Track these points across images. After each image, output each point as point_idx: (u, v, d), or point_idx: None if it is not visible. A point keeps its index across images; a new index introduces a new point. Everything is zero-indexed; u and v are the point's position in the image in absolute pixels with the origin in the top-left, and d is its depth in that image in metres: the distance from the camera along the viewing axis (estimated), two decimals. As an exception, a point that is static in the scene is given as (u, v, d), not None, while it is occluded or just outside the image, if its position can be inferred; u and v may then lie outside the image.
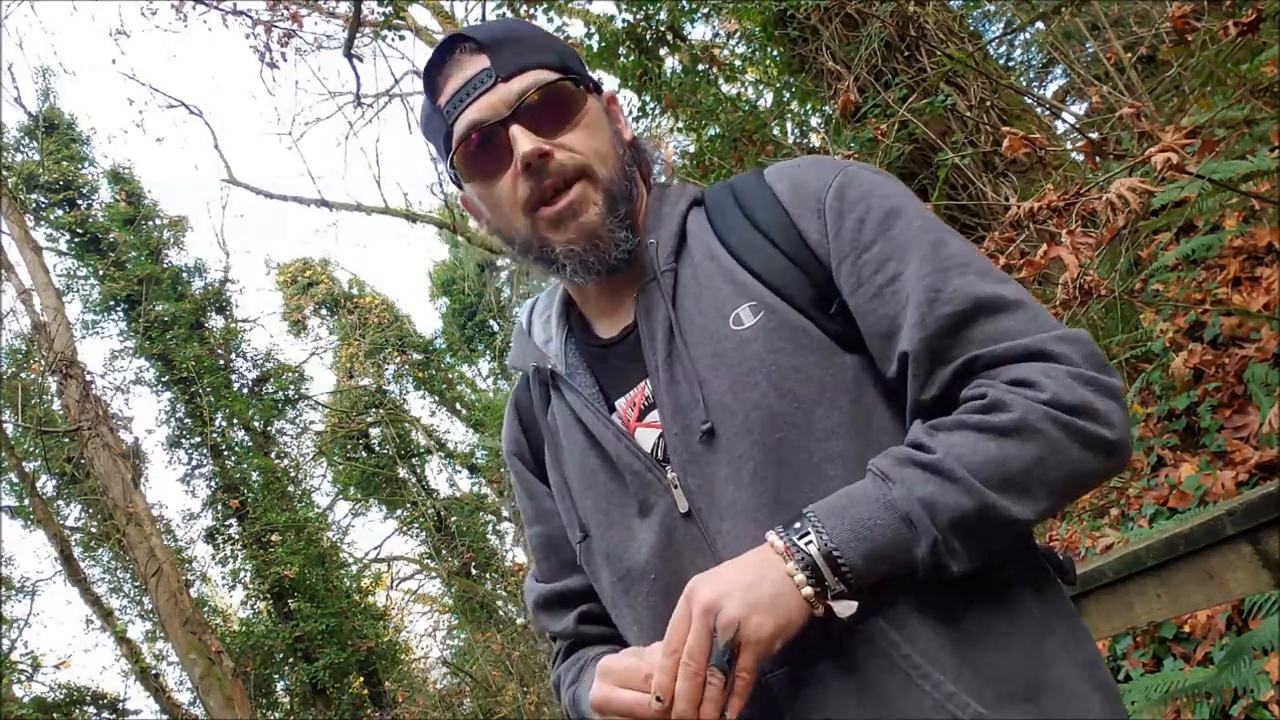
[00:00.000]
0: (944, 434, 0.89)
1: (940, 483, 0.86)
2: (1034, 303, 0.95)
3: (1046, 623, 0.93)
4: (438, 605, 17.68)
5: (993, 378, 0.91)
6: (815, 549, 0.86)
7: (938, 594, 0.91)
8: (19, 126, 15.12)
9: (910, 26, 5.71)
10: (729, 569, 0.89)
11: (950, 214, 5.70)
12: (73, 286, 14.86)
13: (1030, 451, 0.86)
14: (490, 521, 18.00)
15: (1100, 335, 4.56)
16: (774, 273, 1.01)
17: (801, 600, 0.86)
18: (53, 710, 12.40)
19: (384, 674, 14.81)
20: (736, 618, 0.84)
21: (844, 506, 0.88)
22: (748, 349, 0.97)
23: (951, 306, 0.93)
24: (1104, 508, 4.06)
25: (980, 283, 0.94)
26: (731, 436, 0.96)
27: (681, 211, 1.10)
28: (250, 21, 11.97)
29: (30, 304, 11.49)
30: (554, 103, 1.04)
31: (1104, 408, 0.88)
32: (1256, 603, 2.74)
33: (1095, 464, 0.88)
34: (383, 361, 18.85)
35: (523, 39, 1.06)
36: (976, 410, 0.89)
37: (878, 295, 0.96)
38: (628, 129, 1.14)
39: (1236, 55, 4.33)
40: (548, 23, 10.55)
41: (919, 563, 0.86)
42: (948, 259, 0.96)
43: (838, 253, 0.99)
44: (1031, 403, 0.87)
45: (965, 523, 0.85)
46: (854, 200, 1.00)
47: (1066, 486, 0.88)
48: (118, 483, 10.78)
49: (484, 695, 13.96)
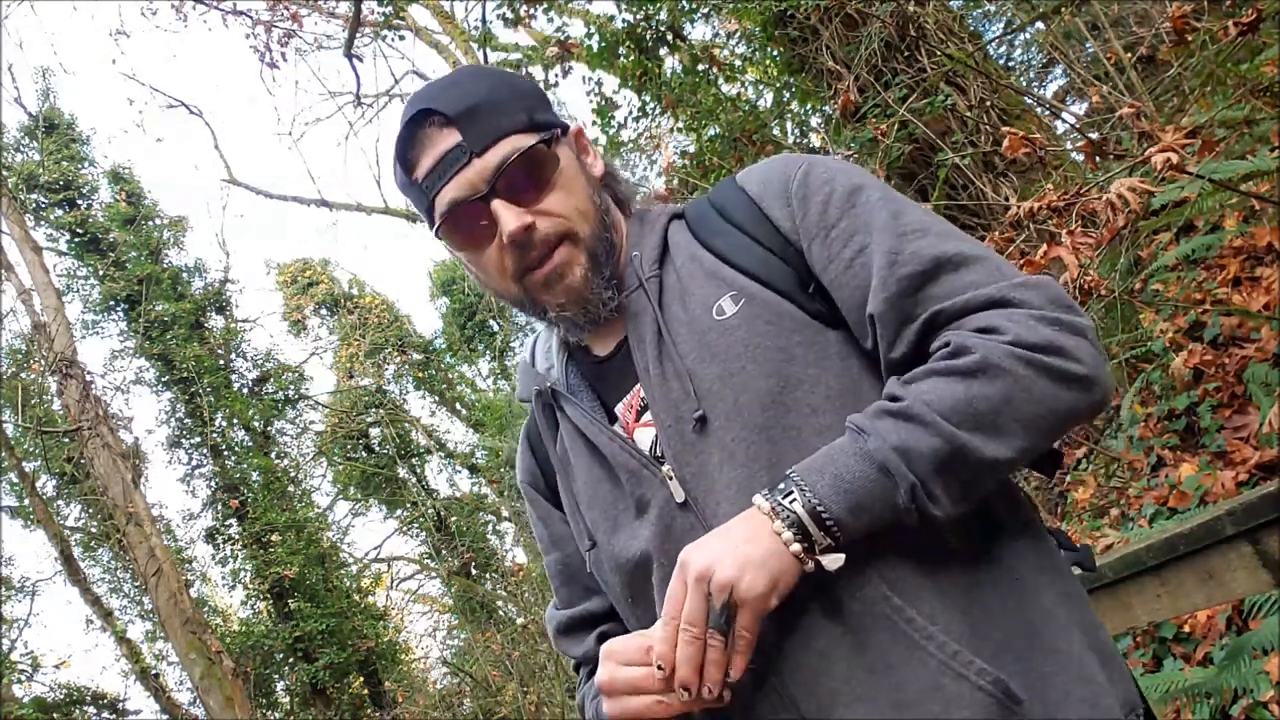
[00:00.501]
0: (915, 384, 0.91)
1: (911, 428, 0.87)
2: (996, 256, 0.97)
3: (1042, 584, 0.95)
4: (438, 605, 17.68)
5: (958, 328, 0.93)
6: (800, 506, 0.88)
7: (936, 555, 0.92)
8: (19, 126, 15.15)
9: (910, 26, 5.71)
10: (716, 536, 0.91)
11: (950, 214, 5.70)
12: (73, 286, 14.87)
13: (996, 389, 0.88)
14: (490, 521, 17.99)
15: (1100, 335, 4.57)
16: (753, 263, 1.05)
17: (791, 557, 0.88)
18: (53, 710, 12.40)
19: (384, 674, 14.81)
20: (730, 579, 0.86)
21: (824, 464, 0.90)
22: (732, 336, 1.01)
23: (911, 266, 0.96)
24: (1104, 508, 4.06)
25: (940, 243, 0.97)
26: (723, 422, 0.98)
27: (663, 225, 1.14)
28: (250, 21, 11.97)
29: (30, 304, 11.49)
30: (530, 169, 1.05)
31: (1070, 344, 0.90)
32: (1256, 603, 2.74)
33: (1069, 398, 0.90)
34: (383, 361, 18.85)
35: (491, 104, 1.06)
36: (943, 358, 0.92)
37: (848, 268, 1.00)
38: (598, 160, 1.17)
39: (1236, 55, 4.33)
40: (548, 23, 10.57)
41: (902, 510, 0.88)
42: (906, 225, 0.99)
43: (807, 234, 1.03)
44: (994, 343, 0.89)
45: (940, 465, 0.87)
46: (818, 184, 1.04)
47: (1040, 423, 0.89)
48: (118, 483, 10.78)
49: (484, 695, 13.95)
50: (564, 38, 8.24)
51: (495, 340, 19.50)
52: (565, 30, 8.33)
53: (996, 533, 0.96)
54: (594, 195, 1.11)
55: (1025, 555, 0.96)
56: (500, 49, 11.16)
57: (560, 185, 1.07)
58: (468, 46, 12.50)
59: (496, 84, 1.09)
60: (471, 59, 12.47)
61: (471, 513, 17.44)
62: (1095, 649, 0.93)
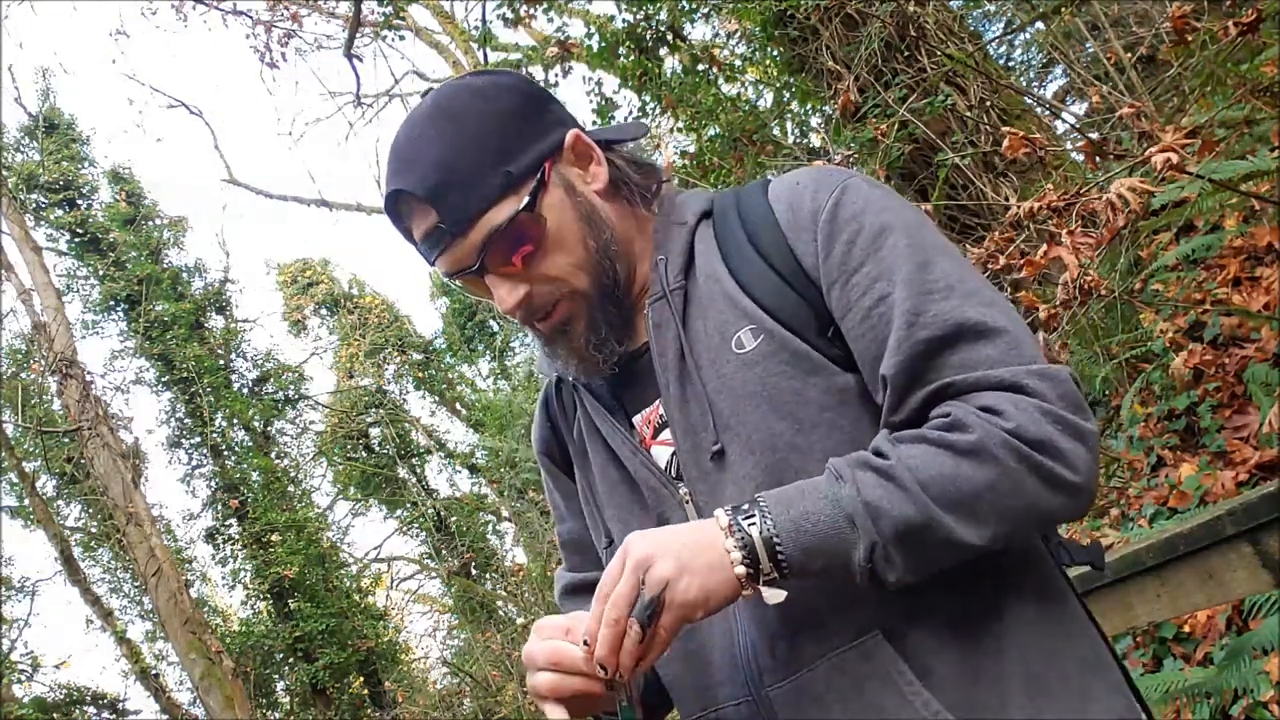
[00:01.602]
0: (904, 445, 0.89)
1: (889, 489, 0.86)
2: (1020, 329, 0.93)
3: (1044, 627, 0.94)
4: (438, 605, 17.69)
5: (964, 401, 0.90)
6: (756, 532, 0.87)
7: (933, 604, 0.92)
8: (19, 126, 15.15)
9: (910, 26, 5.71)
10: (668, 532, 0.90)
11: (950, 214, 5.70)
12: (73, 286, 14.86)
13: (984, 475, 0.86)
14: (490, 521, 18.00)
15: (1100, 335, 4.57)
16: (773, 298, 1.01)
17: (733, 577, 0.87)
18: (53, 710, 12.39)
19: (384, 674, 14.81)
20: (666, 576, 0.86)
21: (793, 497, 0.89)
22: (749, 372, 0.99)
23: (930, 331, 0.92)
24: (1104, 508, 4.06)
25: (964, 306, 0.92)
26: (738, 457, 0.98)
27: (690, 228, 1.09)
28: (250, 21, 11.98)
29: (30, 304, 11.49)
30: (515, 240, 1.01)
31: (1068, 448, 0.86)
32: (1256, 603, 2.74)
33: (1053, 502, 0.87)
34: (383, 361, 18.85)
35: (460, 175, 0.99)
36: (939, 427, 0.89)
37: (866, 318, 0.96)
38: (601, 167, 1.08)
39: (1236, 55, 4.33)
40: (548, 23, 10.56)
41: (856, 566, 0.86)
42: (933, 281, 0.94)
43: (828, 277, 0.99)
44: (993, 428, 0.86)
45: (907, 533, 0.85)
46: (845, 220, 0.99)
47: (1017, 518, 0.87)
48: (118, 483, 10.78)
49: (484, 695, 13.96)
50: (564, 38, 8.24)
51: (495, 340, 19.50)
52: (565, 30, 8.33)
53: (1007, 591, 0.94)
54: (592, 232, 1.05)
55: (1030, 601, 0.95)
56: (500, 49, 11.16)
57: (550, 245, 1.02)
58: (468, 46, 12.50)
59: (464, 140, 1.00)
60: (471, 59, 12.47)
61: (471, 513, 17.44)
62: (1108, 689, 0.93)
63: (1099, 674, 0.94)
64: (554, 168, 1.04)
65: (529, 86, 1.08)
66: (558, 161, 1.05)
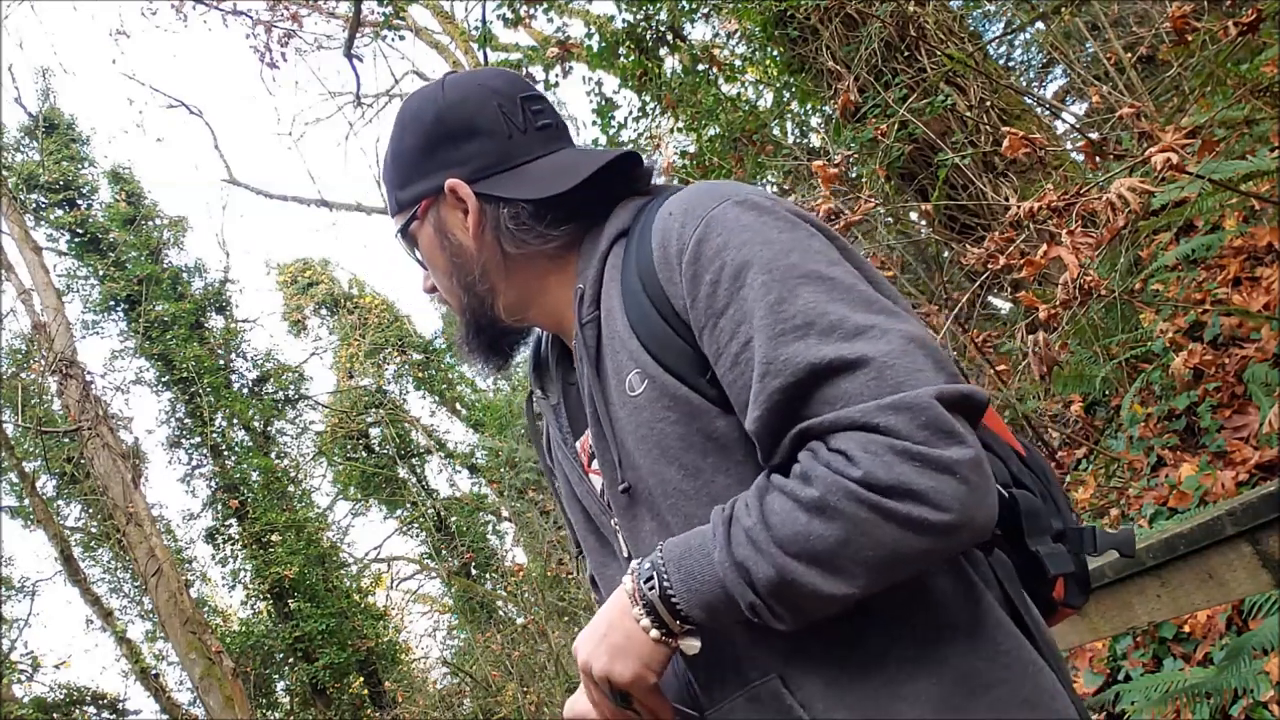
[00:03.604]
0: (769, 497, 0.88)
1: (751, 550, 0.86)
2: (883, 353, 0.85)
3: (968, 663, 0.91)
4: (438, 605, 17.68)
5: (818, 447, 0.87)
6: (656, 595, 0.91)
7: (846, 641, 0.92)
8: (19, 126, 15.14)
9: (910, 26, 5.71)
10: (595, 621, 0.97)
11: (950, 214, 5.70)
12: (73, 286, 14.86)
13: (834, 531, 0.83)
14: (490, 521, 17.99)
15: (1100, 335, 4.57)
16: (656, 341, 0.99)
17: (650, 641, 0.92)
18: (53, 710, 12.39)
19: (384, 674, 14.80)
20: (605, 672, 0.94)
21: (682, 554, 0.91)
22: (639, 416, 0.99)
23: (782, 379, 0.87)
24: (1104, 508, 4.06)
25: (819, 345, 0.86)
26: (642, 497, 1.01)
27: (602, 253, 1.07)
28: (250, 21, 11.98)
29: (30, 304, 11.49)
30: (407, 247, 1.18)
31: (928, 486, 0.80)
32: (1256, 603, 2.74)
33: (917, 544, 0.82)
34: (383, 361, 18.84)
35: (387, 179, 1.17)
36: (794, 476, 0.87)
37: (734, 364, 0.92)
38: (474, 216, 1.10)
39: (1236, 55, 4.33)
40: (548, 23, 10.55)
41: (747, 618, 0.89)
42: (786, 320, 0.88)
43: (697, 322, 0.96)
44: (838, 479, 0.83)
45: (775, 591, 0.86)
46: (709, 259, 0.95)
47: (883, 566, 0.83)
48: (118, 483, 10.78)
49: (484, 695, 13.95)
50: (564, 38, 8.24)
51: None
52: (565, 30, 8.34)
53: (924, 615, 0.92)
54: (457, 272, 1.14)
55: (953, 642, 0.91)
56: (500, 49, 11.16)
57: (428, 262, 1.17)
58: (468, 46, 12.50)
59: (390, 153, 1.16)
60: (472, 59, 12.47)
61: (471, 513, 17.43)
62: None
63: (1031, 707, 0.90)
64: (430, 208, 1.14)
65: (441, 123, 1.11)
66: (437, 203, 1.13)
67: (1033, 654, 0.93)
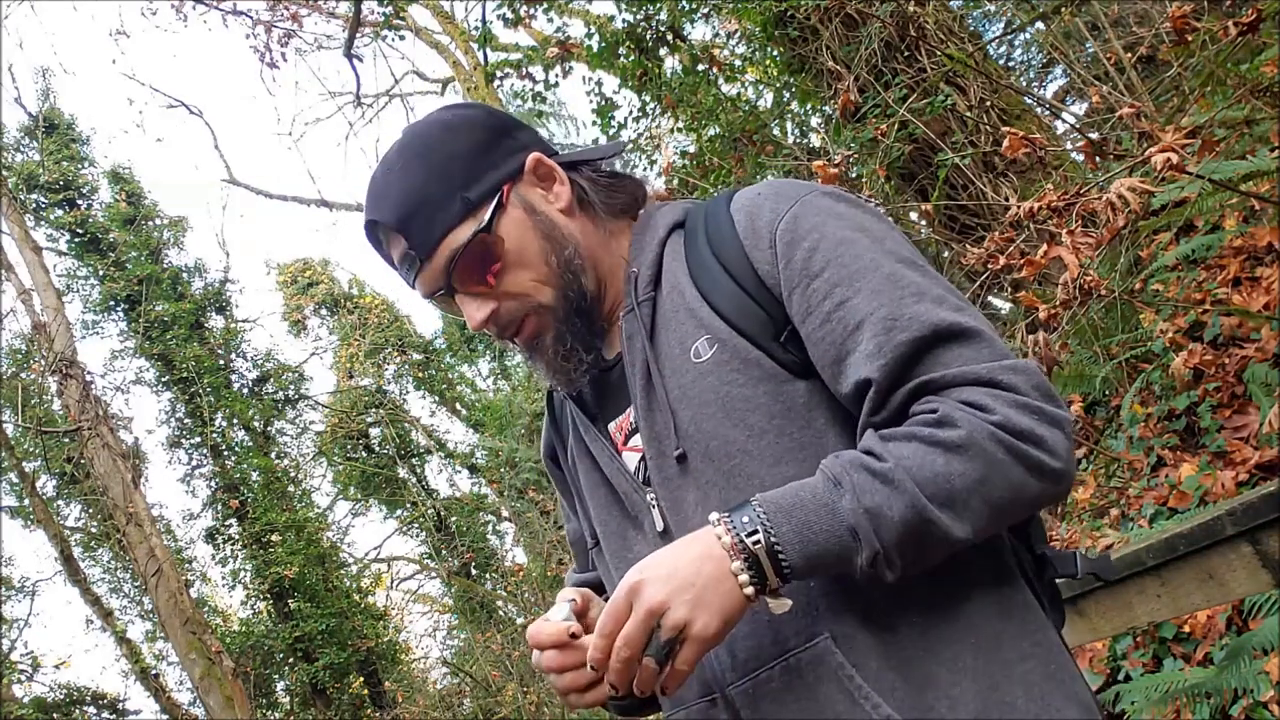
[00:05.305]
0: (895, 444, 0.91)
1: (888, 492, 0.87)
2: (990, 332, 0.97)
3: (1003, 637, 0.95)
4: (438, 605, 17.68)
5: (945, 398, 0.93)
6: (762, 548, 0.88)
7: (888, 609, 0.95)
8: (19, 126, 15.14)
9: (910, 26, 5.71)
10: (671, 561, 0.90)
11: (950, 214, 5.70)
12: (73, 286, 14.86)
13: (974, 470, 0.88)
14: (490, 521, 17.99)
15: (1100, 335, 4.56)
16: (730, 306, 1.04)
17: (742, 598, 0.89)
18: (53, 710, 12.39)
19: (384, 674, 14.80)
20: (683, 620, 0.87)
21: (791, 505, 0.89)
22: (705, 381, 1.02)
23: (909, 333, 0.94)
24: (1104, 508, 4.06)
25: (937, 309, 0.95)
26: (700, 463, 1.02)
27: (660, 239, 1.13)
28: (250, 21, 11.98)
29: (30, 304, 11.49)
30: (476, 260, 1.07)
31: (1049, 435, 0.90)
32: (1256, 603, 2.74)
33: (1037, 488, 0.90)
34: (383, 361, 18.85)
35: (425, 201, 1.06)
36: (927, 424, 0.91)
37: (826, 321, 0.98)
38: (564, 186, 1.13)
39: (1236, 55, 4.33)
40: (548, 23, 10.55)
41: (857, 569, 0.89)
42: (904, 287, 0.97)
43: (788, 283, 1.01)
44: (980, 422, 0.89)
45: (906, 534, 0.87)
46: (806, 230, 1.02)
47: (1006, 508, 0.90)
48: (118, 483, 10.78)
49: (484, 695, 13.95)
50: (564, 38, 8.25)
51: (495, 340, 19.44)
52: (565, 30, 8.34)
53: (962, 590, 0.97)
54: (554, 249, 1.10)
55: (990, 610, 0.97)
56: (500, 49, 11.16)
57: (512, 261, 1.08)
58: (468, 46, 12.51)
59: (428, 172, 1.07)
60: (472, 59, 12.48)
61: (471, 513, 17.43)
62: (1066, 699, 0.94)
63: (1057, 684, 0.95)
64: (513, 190, 1.10)
65: (491, 119, 1.14)
66: (517, 184, 1.11)
67: (1057, 637, 1.01)
